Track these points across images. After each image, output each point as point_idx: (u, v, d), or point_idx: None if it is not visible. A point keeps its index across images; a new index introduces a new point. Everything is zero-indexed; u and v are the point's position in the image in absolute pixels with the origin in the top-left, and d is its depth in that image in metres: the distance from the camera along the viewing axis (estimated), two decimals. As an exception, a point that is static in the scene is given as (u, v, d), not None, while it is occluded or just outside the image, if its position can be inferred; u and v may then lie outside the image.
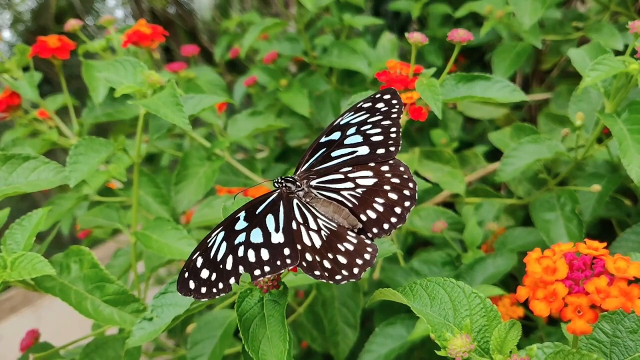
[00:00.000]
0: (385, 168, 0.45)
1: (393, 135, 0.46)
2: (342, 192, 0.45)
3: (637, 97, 0.66)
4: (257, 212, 0.43)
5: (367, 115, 0.47)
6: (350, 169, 0.46)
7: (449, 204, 0.95)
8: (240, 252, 0.40)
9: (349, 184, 0.45)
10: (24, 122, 0.79)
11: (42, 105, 0.78)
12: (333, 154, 0.47)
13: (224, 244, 0.41)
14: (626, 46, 0.65)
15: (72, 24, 0.78)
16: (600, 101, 0.73)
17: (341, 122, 0.48)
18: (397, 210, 0.43)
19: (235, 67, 1.86)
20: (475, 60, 1.33)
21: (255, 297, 0.43)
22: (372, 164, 0.46)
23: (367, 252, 0.41)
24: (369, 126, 0.47)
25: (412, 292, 0.43)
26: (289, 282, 0.56)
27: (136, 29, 0.75)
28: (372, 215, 0.43)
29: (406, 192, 0.44)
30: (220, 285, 0.39)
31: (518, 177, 0.82)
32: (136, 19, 2.72)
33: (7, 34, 2.93)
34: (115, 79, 0.60)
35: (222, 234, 0.41)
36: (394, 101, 0.48)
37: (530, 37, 0.90)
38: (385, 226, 0.43)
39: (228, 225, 0.42)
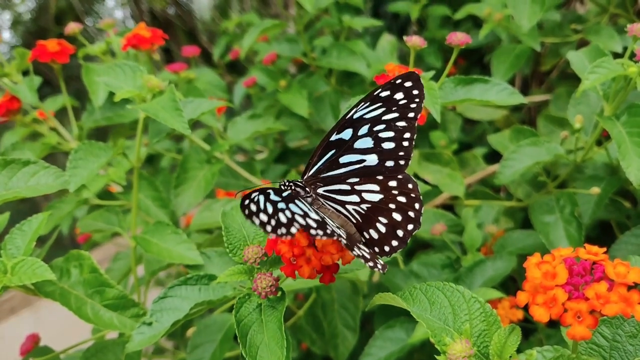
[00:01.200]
0: (393, 183, 0.43)
1: (405, 144, 0.44)
2: (347, 207, 0.43)
3: (636, 100, 0.66)
4: (283, 194, 0.41)
5: (383, 109, 0.44)
6: (357, 180, 0.44)
7: (449, 206, 0.95)
8: (288, 214, 0.39)
9: (355, 197, 0.43)
10: (24, 122, 0.79)
11: (42, 109, 0.78)
12: (341, 160, 0.45)
13: (269, 204, 0.39)
14: (625, 48, 0.65)
15: (72, 27, 0.78)
16: (599, 104, 0.73)
17: (355, 116, 0.44)
18: (400, 233, 0.42)
19: (235, 67, 1.85)
20: (475, 62, 1.33)
21: (253, 302, 0.43)
22: (380, 177, 0.44)
23: (378, 259, 0.41)
24: (382, 126, 0.44)
25: (411, 297, 0.43)
26: (288, 285, 0.56)
27: (136, 32, 0.75)
28: (374, 235, 0.43)
29: (411, 214, 0.42)
30: (283, 230, 0.37)
31: (517, 179, 0.82)
32: (136, 19, 2.72)
33: (6, 35, 2.93)
34: (115, 84, 0.60)
35: (262, 197, 0.39)
36: (415, 91, 0.43)
37: (529, 40, 0.90)
38: (386, 248, 0.42)
39: (262, 191, 0.40)
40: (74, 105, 0.87)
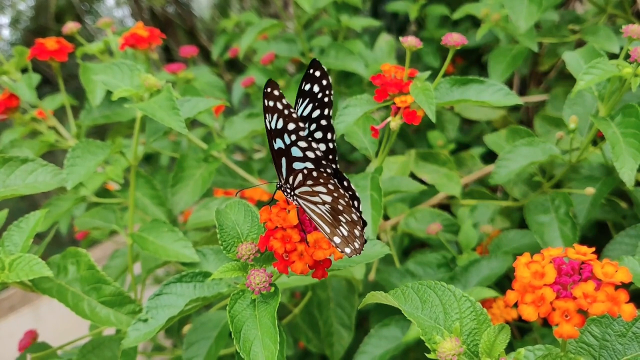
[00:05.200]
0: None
1: (330, 145, 0.42)
2: (319, 206, 0.42)
3: (630, 100, 0.66)
4: None
5: (311, 106, 0.42)
6: (311, 182, 0.41)
7: (445, 206, 0.96)
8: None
9: (317, 198, 0.42)
10: (24, 121, 0.80)
11: (40, 107, 0.79)
12: (295, 166, 0.42)
13: None
14: (622, 49, 0.65)
15: (70, 27, 0.79)
16: (594, 104, 0.73)
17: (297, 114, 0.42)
18: (356, 232, 0.41)
19: (235, 65, 1.86)
20: (473, 62, 1.33)
21: (247, 299, 0.43)
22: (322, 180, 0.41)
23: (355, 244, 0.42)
24: (314, 126, 0.42)
25: (403, 295, 0.44)
26: (284, 283, 0.56)
27: (133, 31, 0.76)
28: (345, 233, 0.42)
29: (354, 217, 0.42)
30: None
31: (513, 179, 0.83)
32: (135, 18, 2.72)
33: (6, 33, 2.94)
34: (112, 82, 0.60)
35: None
36: (324, 81, 0.41)
37: (526, 40, 0.90)
38: (351, 248, 0.42)
39: None
40: (72, 103, 0.88)
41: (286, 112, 0.39)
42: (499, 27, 0.99)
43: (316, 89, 0.41)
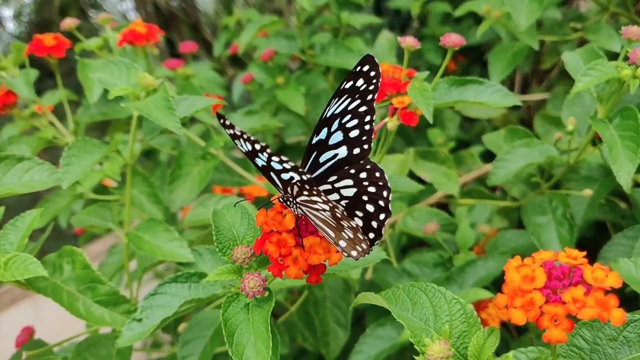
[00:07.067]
0: (363, 175, 0.44)
1: (367, 127, 0.44)
2: (320, 213, 0.42)
3: (630, 102, 0.66)
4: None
5: (349, 100, 0.45)
6: (335, 177, 0.44)
7: (444, 205, 0.96)
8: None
9: (335, 196, 0.44)
10: (23, 116, 0.80)
11: (38, 103, 0.79)
12: (320, 160, 0.45)
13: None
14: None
15: (68, 22, 0.79)
16: (593, 105, 0.73)
17: (328, 114, 0.45)
18: (374, 224, 0.43)
19: (237, 61, 1.85)
20: (475, 59, 1.33)
21: (241, 302, 0.43)
22: (353, 170, 0.44)
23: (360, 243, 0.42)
24: (349, 117, 0.45)
25: (394, 297, 0.44)
26: (279, 283, 0.57)
27: (131, 28, 0.76)
28: (348, 235, 0.42)
29: (381, 203, 0.43)
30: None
31: (512, 179, 0.82)
32: (139, 12, 2.71)
33: (10, 25, 2.94)
34: (109, 80, 0.60)
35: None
36: (372, 73, 0.44)
37: (527, 38, 0.90)
38: (358, 250, 0.42)
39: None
40: (72, 99, 0.88)
41: (245, 136, 0.40)
42: (500, 25, 0.99)
43: (360, 82, 0.44)
